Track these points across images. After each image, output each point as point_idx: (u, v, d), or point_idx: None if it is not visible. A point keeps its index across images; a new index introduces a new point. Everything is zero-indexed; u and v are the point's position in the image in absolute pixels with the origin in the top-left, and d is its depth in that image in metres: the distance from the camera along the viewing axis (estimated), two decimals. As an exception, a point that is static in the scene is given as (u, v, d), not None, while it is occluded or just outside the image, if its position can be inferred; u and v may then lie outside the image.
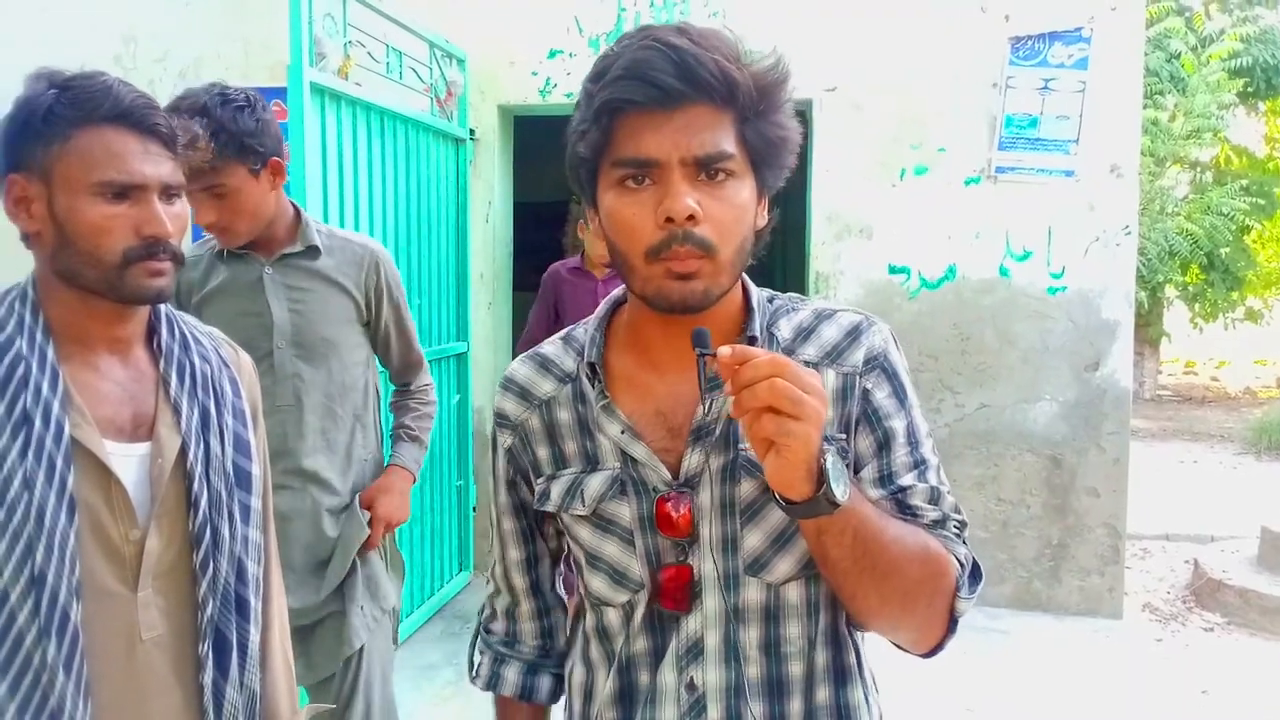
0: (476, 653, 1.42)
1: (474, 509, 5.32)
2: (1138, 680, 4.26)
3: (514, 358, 1.38)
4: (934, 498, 1.18)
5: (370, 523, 2.50)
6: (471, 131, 5.17)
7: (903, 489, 1.17)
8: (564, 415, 1.24)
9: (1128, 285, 4.84)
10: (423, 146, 4.64)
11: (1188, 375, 16.29)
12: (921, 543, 1.13)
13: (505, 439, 1.29)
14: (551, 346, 1.30)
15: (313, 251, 2.41)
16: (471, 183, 5.20)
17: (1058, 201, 4.80)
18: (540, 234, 7.89)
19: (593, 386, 1.22)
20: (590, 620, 1.27)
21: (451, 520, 5.10)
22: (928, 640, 1.18)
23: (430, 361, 4.71)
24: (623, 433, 1.19)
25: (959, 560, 1.16)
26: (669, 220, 1.06)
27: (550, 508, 1.24)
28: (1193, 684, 4.24)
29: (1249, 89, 11.44)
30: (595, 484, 1.21)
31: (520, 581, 1.36)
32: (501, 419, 1.30)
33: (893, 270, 4.96)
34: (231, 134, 2.18)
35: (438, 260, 4.84)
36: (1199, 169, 12.43)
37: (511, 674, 1.37)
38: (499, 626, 1.40)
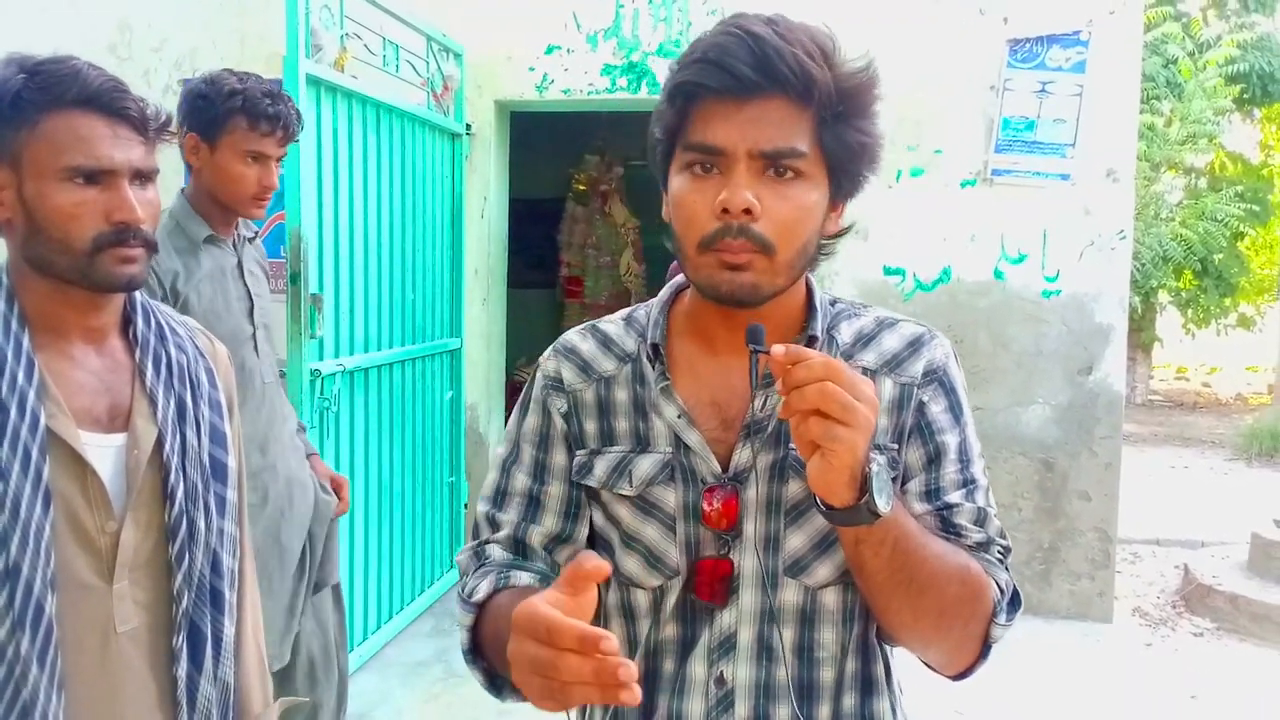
0: (463, 586, 1.21)
1: (465, 505, 5.30)
2: (1127, 684, 4.25)
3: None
4: (980, 519, 1.16)
5: (341, 487, 2.78)
6: (468, 126, 5.15)
7: (949, 506, 1.16)
8: (621, 394, 1.22)
9: (1122, 290, 4.84)
10: (418, 141, 4.62)
11: (1179, 381, 16.30)
12: (962, 563, 1.11)
13: (559, 402, 1.24)
14: (613, 326, 1.28)
15: (252, 239, 2.63)
16: (467, 178, 5.18)
17: (1053, 205, 4.79)
18: (536, 230, 7.90)
19: (654, 368, 1.20)
20: (614, 597, 1.23)
21: (443, 517, 5.08)
22: (959, 663, 1.16)
23: (423, 358, 4.73)
24: (679, 417, 1.17)
25: (999, 585, 1.14)
26: (725, 212, 1.04)
27: (593, 482, 1.21)
28: (1181, 689, 4.23)
29: (1245, 95, 11.44)
30: (645, 465, 1.18)
31: (538, 541, 1.22)
32: (555, 383, 1.25)
33: (888, 271, 4.95)
34: (299, 115, 2.47)
35: (432, 255, 4.82)
36: (1194, 175, 12.42)
37: (525, 576, 1.18)
38: (499, 558, 1.22)
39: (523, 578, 1.18)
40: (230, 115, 2.34)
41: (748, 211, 1.04)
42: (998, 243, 4.86)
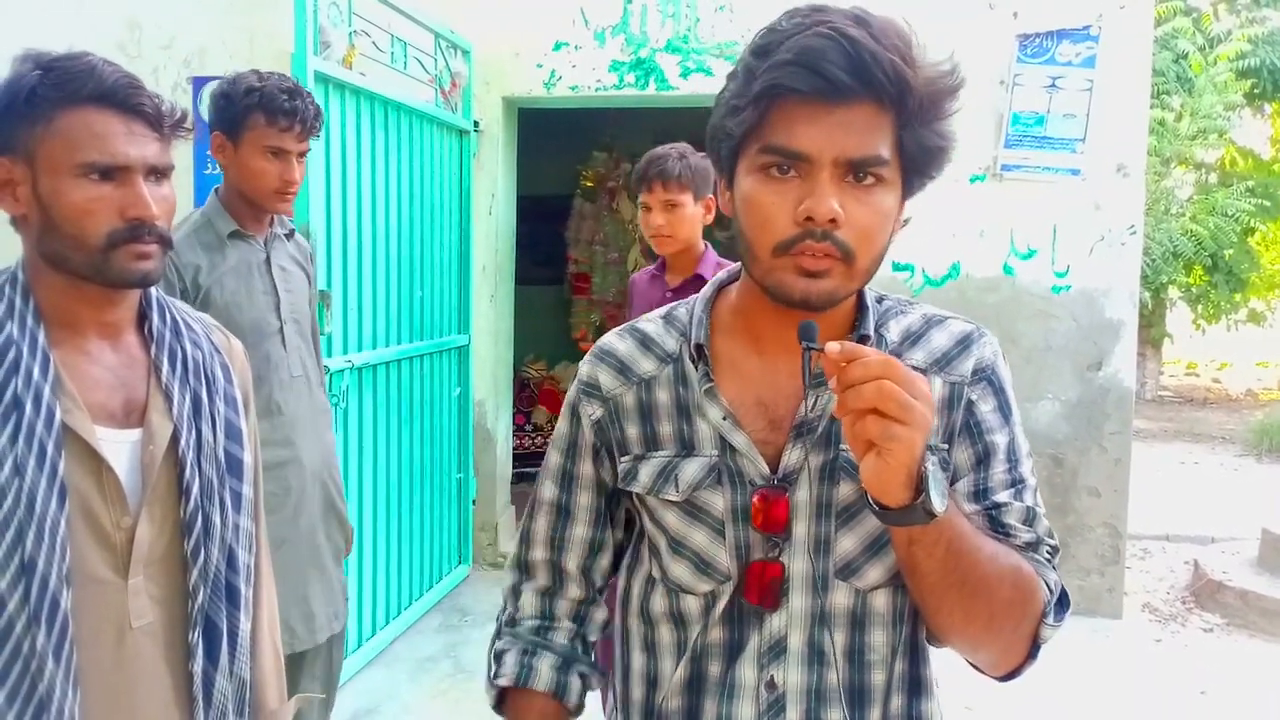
0: (494, 656, 1.30)
1: (474, 502, 5.31)
2: (1137, 680, 4.25)
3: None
4: (1029, 519, 1.15)
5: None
6: (476, 123, 5.15)
7: (997, 506, 1.14)
8: (663, 396, 1.20)
9: (1132, 285, 4.82)
10: (426, 137, 4.63)
11: (1189, 376, 16.25)
12: (1014, 564, 1.09)
13: (593, 410, 1.23)
14: (652, 325, 1.25)
15: (290, 236, 2.65)
16: (475, 175, 5.18)
17: (1063, 200, 4.78)
18: (543, 227, 7.90)
19: (696, 368, 1.18)
20: (662, 605, 1.21)
21: (451, 513, 5.09)
22: (1008, 664, 1.15)
23: (431, 354, 4.73)
24: (725, 419, 1.15)
25: (1048, 585, 1.13)
26: (808, 219, 1.02)
27: (638, 489, 1.19)
28: (1192, 684, 4.23)
29: (1256, 90, 11.38)
30: (691, 470, 1.16)
31: (575, 562, 1.28)
32: (591, 389, 1.24)
33: (896, 268, 4.94)
34: (318, 111, 2.50)
35: (440, 252, 4.83)
36: (1204, 170, 12.37)
37: (545, 667, 1.26)
38: (530, 611, 1.30)
39: (543, 671, 1.25)
40: (249, 112, 2.40)
41: (833, 221, 1.02)
42: (1007, 238, 4.85)
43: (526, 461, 6.41)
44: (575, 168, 7.92)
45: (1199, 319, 13.60)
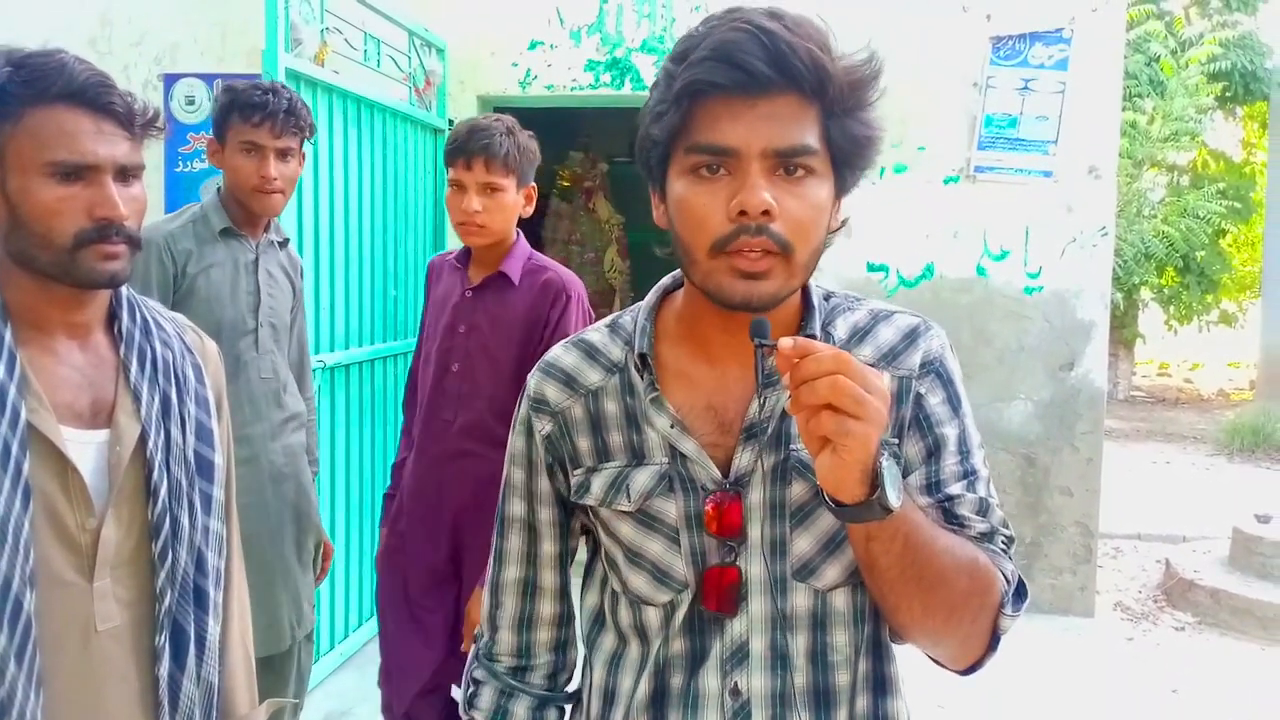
0: (471, 680, 1.29)
1: (448, 502, 5.28)
2: (1108, 679, 4.28)
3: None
4: (983, 509, 1.15)
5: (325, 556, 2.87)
6: (451, 122, 5.13)
7: (951, 498, 1.14)
8: (611, 406, 1.18)
9: (1103, 286, 4.86)
10: (400, 135, 4.60)
11: (1162, 377, 16.38)
12: (970, 555, 1.09)
13: (543, 425, 1.21)
14: (598, 335, 1.24)
15: (284, 244, 2.71)
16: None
17: (1036, 202, 4.81)
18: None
19: (641, 378, 1.16)
20: (626, 617, 1.20)
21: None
22: (968, 656, 1.14)
23: (405, 354, 4.70)
24: (672, 427, 1.14)
25: (1005, 576, 1.13)
26: (742, 214, 1.01)
27: (591, 501, 1.18)
28: (1163, 683, 4.26)
29: (1227, 93, 11.49)
30: (642, 479, 1.15)
31: (550, 579, 1.27)
32: (540, 403, 1.22)
33: (871, 268, 4.96)
34: (294, 107, 2.52)
35: (414, 252, 4.80)
36: (1176, 172, 12.48)
37: (521, 710, 1.26)
38: (506, 648, 1.28)
39: (519, 714, 1.25)
40: (228, 112, 2.48)
41: (766, 213, 1.01)
42: (980, 239, 4.87)
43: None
44: (552, 167, 7.90)
45: (1171, 320, 13.71)
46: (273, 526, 2.58)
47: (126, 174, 1.31)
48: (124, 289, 1.38)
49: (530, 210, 2.69)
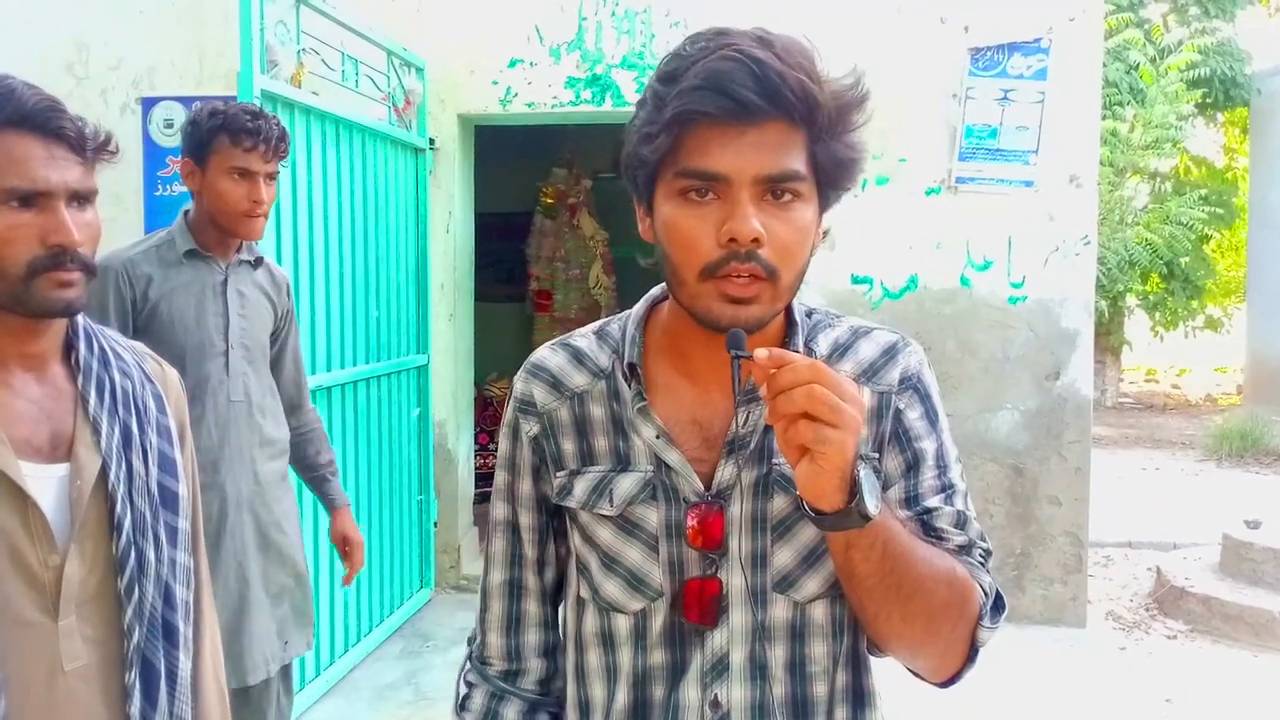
0: (464, 682, 1.30)
1: (435, 524, 5.25)
2: (1102, 689, 4.26)
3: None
4: (960, 522, 1.17)
5: (352, 551, 2.91)
6: (431, 141, 5.12)
7: (929, 511, 1.16)
8: (597, 411, 1.19)
9: (1087, 294, 4.86)
10: (381, 156, 4.58)
11: (1149, 383, 16.43)
12: (949, 566, 1.11)
13: (529, 426, 1.22)
14: (584, 340, 1.24)
15: (257, 263, 2.63)
16: (432, 193, 5.15)
17: (1018, 211, 4.81)
18: (505, 244, 7.86)
19: (630, 387, 1.17)
20: (592, 624, 1.20)
21: (412, 536, 5.03)
22: (946, 669, 1.15)
23: (389, 375, 4.68)
24: (658, 437, 1.15)
25: (983, 588, 1.14)
26: (731, 241, 1.02)
27: (573, 503, 1.19)
28: (1156, 692, 4.24)
29: (1207, 100, 11.56)
30: (626, 485, 1.16)
31: (534, 581, 1.27)
32: (526, 405, 1.23)
33: (855, 280, 4.95)
34: (283, 132, 2.50)
35: (397, 271, 4.78)
36: (1158, 179, 12.54)
37: (511, 714, 1.26)
38: (496, 652, 1.28)
39: (509, 718, 1.25)
40: (214, 135, 2.43)
41: (755, 240, 1.02)
42: (963, 250, 4.87)
43: (490, 481, 6.32)
44: (535, 184, 7.89)
45: (1157, 326, 13.77)
46: (239, 557, 2.52)
47: (80, 199, 1.28)
48: (80, 318, 1.35)
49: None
